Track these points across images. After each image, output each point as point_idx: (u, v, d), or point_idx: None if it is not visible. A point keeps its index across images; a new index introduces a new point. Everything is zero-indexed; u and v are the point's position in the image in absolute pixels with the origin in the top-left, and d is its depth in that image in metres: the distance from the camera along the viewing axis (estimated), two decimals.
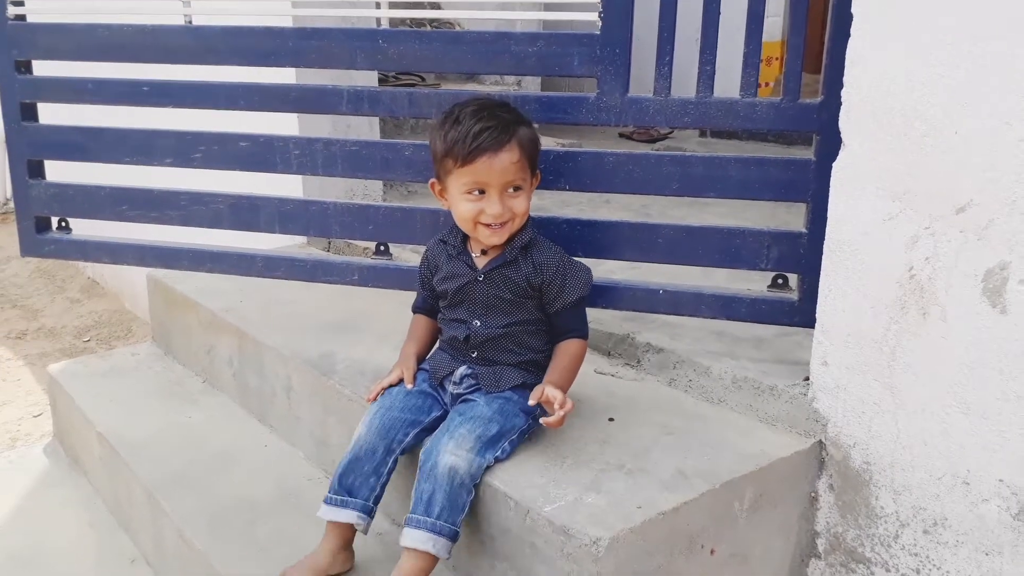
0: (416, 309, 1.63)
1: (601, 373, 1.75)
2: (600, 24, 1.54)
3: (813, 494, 1.52)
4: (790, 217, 1.74)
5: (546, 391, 1.37)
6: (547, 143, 3.57)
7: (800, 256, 1.56)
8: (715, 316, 1.65)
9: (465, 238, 1.50)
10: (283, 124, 2.07)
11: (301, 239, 2.49)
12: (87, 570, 1.86)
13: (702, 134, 3.88)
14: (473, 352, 1.49)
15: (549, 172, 1.64)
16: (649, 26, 1.56)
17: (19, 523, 2.03)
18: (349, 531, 1.44)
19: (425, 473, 1.35)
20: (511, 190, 1.41)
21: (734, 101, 1.52)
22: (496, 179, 1.38)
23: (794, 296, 1.60)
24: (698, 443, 1.47)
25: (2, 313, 4.42)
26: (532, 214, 1.53)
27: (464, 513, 1.35)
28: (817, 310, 1.45)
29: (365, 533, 1.45)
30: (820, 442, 1.49)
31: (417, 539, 1.31)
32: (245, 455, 1.90)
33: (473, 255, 1.49)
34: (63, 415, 2.31)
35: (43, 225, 1.96)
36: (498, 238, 1.43)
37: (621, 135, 3.98)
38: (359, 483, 1.42)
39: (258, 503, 1.70)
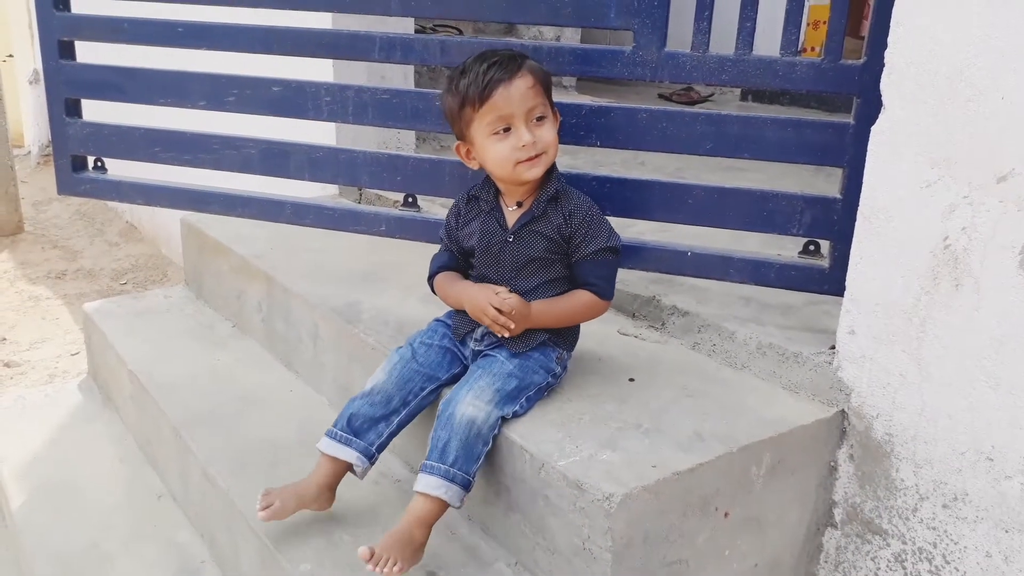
0: (437, 271, 1.55)
1: (624, 334, 1.74)
2: None
3: (832, 463, 1.50)
4: (828, 187, 1.71)
5: (504, 298, 1.37)
6: (582, 101, 3.53)
7: (833, 222, 1.53)
8: (743, 281, 1.63)
9: (498, 192, 1.49)
10: (318, 72, 2.06)
11: (333, 190, 2.50)
12: (116, 503, 1.91)
13: (743, 98, 3.80)
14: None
15: (580, 127, 1.61)
16: None
17: (53, 455, 2.09)
18: (341, 470, 1.44)
19: (443, 421, 1.36)
20: (535, 120, 1.39)
21: (773, 60, 1.48)
22: (518, 107, 1.36)
23: (825, 263, 1.57)
24: (718, 407, 1.46)
25: (43, 253, 4.53)
26: (563, 171, 1.50)
27: (479, 463, 1.36)
28: (847, 278, 1.43)
29: (361, 478, 1.46)
30: (843, 411, 1.47)
31: (429, 484, 1.32)
32: (270, 399, 1.93)
33: (507, 209, 1.47)
34: (97, 352, 2.37)
35: (79, 164, 1.98)
36: (538, 171, 1.40)
37: (661, 96, 3.92)
38: (367, 427, 1.43)
39: (280, 445, 1.73)
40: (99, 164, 2.00)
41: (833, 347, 1.49)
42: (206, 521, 1.74)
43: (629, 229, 1.84)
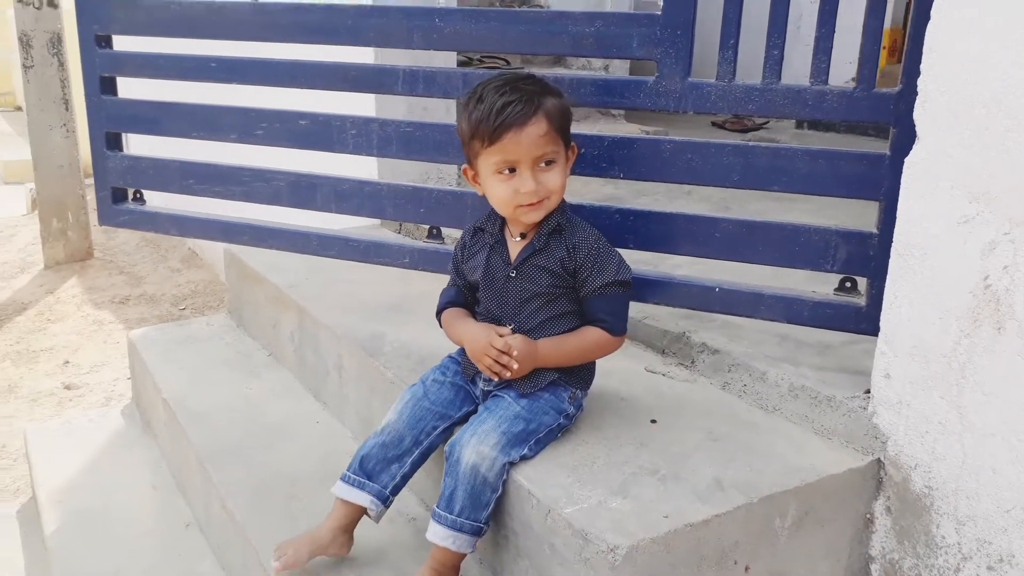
0: (444, 307, 1.52)
1: (652, 372, 1.68)
2: (662, 4, 1.46)
3: (869, 516, 1.40)
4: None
5: (507, 339, 1.34)
6: (631, 129, 3.45)
7: (870, 258, 1.44)
8: (774, 318, 1.55)
9: (503, 224, 1.45)
10: (361, 105, 2.06)
11: (375, 219, 2.50)
12: (145, 531, 1.93)
13: (799, 126, 3.68)
14: None
15: (603, 159, 1.57)
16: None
17: (90, 480, 2.13)
18: (357, 514, 1.42)
19: (449, 467, 1.32)
20: (543, 164, 1.34)
21: (802, 88, 1.41)
22: (526, 154, 1.32)
23: (861, 301, 1.48)
24: (743, 452, 1.38)
25: (110, 278, 4.68)
26: (602, 201, 1.45)
27: (488, 509, 1.32)
28: (881, 318, 1.34)
29: (377, 521, 1.43)
30: (879, 460, 1.38)
31: (437, 534, 1.31)
32: (296, 430, 1.92)
33: (512, 239, 1.43)
34: (139, 379, 2.42)
35: (119, 196, 2.03)
36: (536, 215, 1.37)
37: (714, 123, 3.84)
38: (380, 469, 1.40)
39: (300, 479, 1.72)
40: (138, 196, 2.04)
41: (868, 391, 1.40)
42: (226, 553, 1.74)
43: (666, 262, 1.78)
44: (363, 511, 1.42)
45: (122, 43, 1.97)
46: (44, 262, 4.84)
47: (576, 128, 1.45)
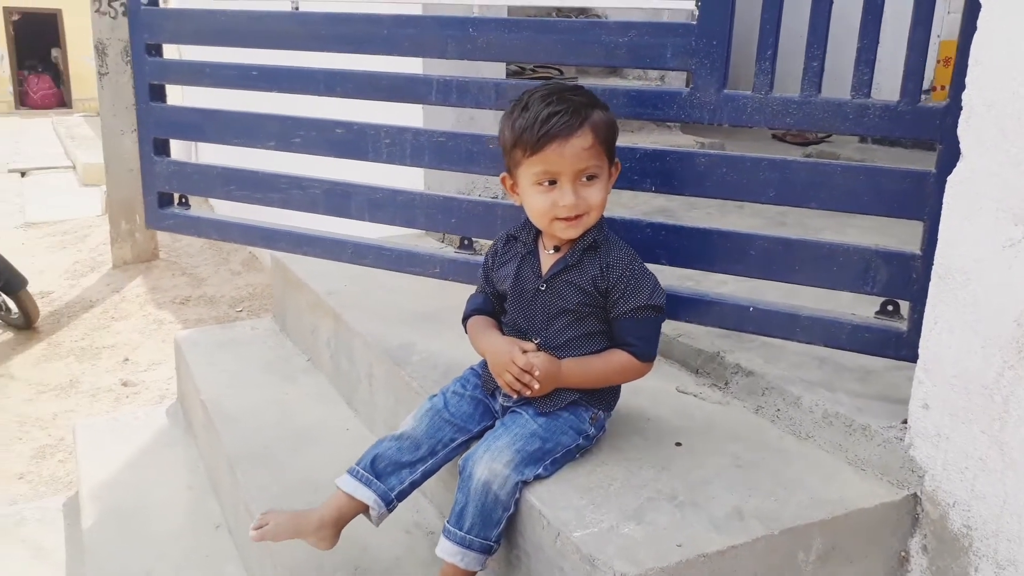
0: (471, 314, 1.49)
1: (683, 392, 1.63)
2: (697, 14, 1.42)
3: (904, 553, 1.33)
4: None
5: (530, 357, 1.30)
6: (686, 142, 3.37)
7: (912, 281, 1.36)
8: (811, 341, 1.48)
9: (538, 235, 1.42)
10: (411, 115, 2.06)
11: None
12: (177, 530, 1.95)
13: (862, 140, 3.56)
14: None
15: (635, 171, 1.53)
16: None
17: (129, 478, 2.17)
18: (354, 511, 1.38)
19: (462, 482, 1.30)
20: (585, 179, 1.30)
21: (843, 102, 1.35)
22: (568, 167, 1.28)
23: (903, 326, 1.41)
24: (769, 481, 1.32)
25: (172, 279, 4.82)
26: (648, 214, 1.41)
27: (499, 527, 1.29)
28: (920, 344, 1.27)
29: (376, 524, 1.39)
30: (915, 495, 1.30)
31: (447, 551, 1.28)
32: (326, 436, 1.93)
33: (545, 252, 1.40)
34: (183, 380, 2.46)
35: (165, 200, 2.07)
36: (574, 231, 1.33)
37: (774, 136, 3.75)
38: (390, 471, 1.37)
39: (323, 485, 1.70)
40: (183, 200, 2.08)
41: (906, 421, 1.32)
42: (249, 555, 1.75)
43: (710, 278, 1.73)
44: (361, 510, 1.38)
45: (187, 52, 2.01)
46: (112, 262, 5.02)
47: (629, 139, 1.41)
